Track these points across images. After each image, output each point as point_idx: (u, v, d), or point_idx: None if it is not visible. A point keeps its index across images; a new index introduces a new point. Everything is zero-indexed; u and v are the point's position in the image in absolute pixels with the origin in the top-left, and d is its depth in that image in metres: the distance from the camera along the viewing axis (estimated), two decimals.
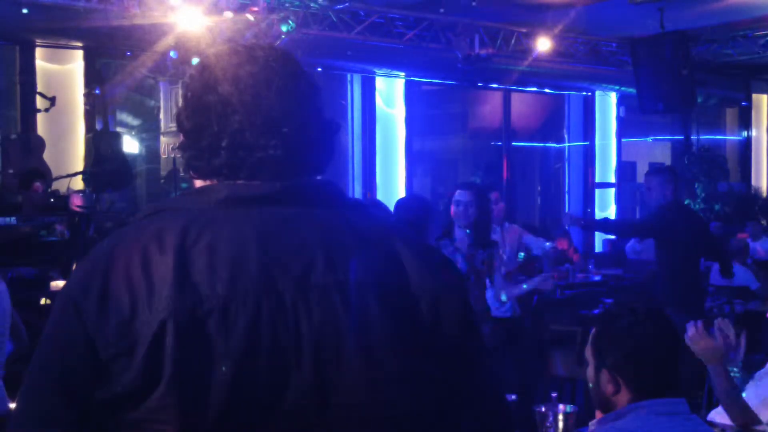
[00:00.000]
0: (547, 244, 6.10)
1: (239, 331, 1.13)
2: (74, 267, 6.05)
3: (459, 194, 4.61)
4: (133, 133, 9.69)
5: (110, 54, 8.45)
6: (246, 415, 1.14)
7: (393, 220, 1.55)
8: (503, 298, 4.90)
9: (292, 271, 1.17)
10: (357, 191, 9.85)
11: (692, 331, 3.00)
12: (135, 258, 1.16)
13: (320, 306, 1.16)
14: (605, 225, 6.89)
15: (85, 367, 1.13)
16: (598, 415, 2.22)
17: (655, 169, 5.96)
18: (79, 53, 8.17)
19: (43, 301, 5.81)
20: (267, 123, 1.23)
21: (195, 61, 7.25)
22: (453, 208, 4.60)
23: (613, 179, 12.37)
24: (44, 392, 1.15)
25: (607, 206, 12.33)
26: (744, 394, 3.02)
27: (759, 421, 2.96)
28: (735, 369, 3.07)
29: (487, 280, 4.66)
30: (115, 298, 1.14)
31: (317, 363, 1.14)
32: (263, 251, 1.17)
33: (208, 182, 1.27)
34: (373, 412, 1.17)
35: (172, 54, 7.49)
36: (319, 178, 1.29)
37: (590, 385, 2.22)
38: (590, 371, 2.21)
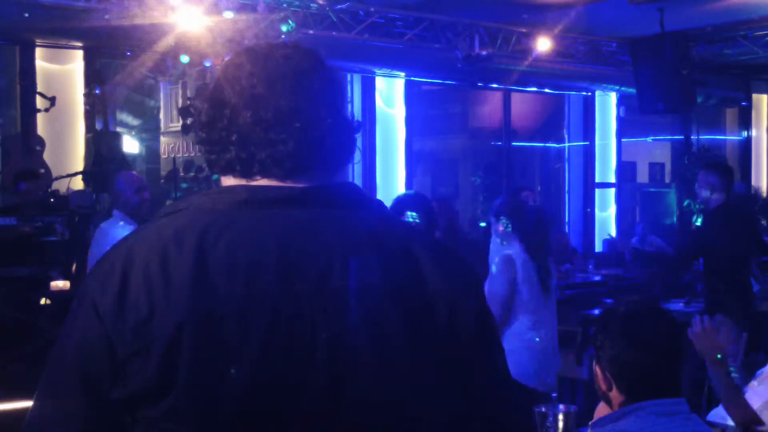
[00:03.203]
0: None
1: (255, 334, 1.13)
2: (74, 267, 6.07)
3: None
4: (133, 133, 9.69)
5: (110, 54, 8.45)
6: (260, 418, 1.14)
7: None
8: None
9: (310, 275, 1.17)
10: None
11: (698, 327, 2.99)
12: (154, 258, 1.16)
13: (336, 310, 1.16)
14: (664, 257, 6.61)
15: (103, 366, 1.14)
16: (601, 407, 2.21)
17: (708, 166, 5.78)
18: (79, 53, 8.17)
19: (43, 301, 5.81)
20: (278, 118, 1.23)
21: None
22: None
23: (613, 179, 12.37)
24: (63, 390, 1.16)
25: (607, 206, 12.32)
26: (745, 394, 3.02)
27: (760, 422, 2.96)
28: (732, 368, 3.07)
29: None
30: (133, 297, 1.14)
31: (332, 367, 1.14)
32: (281, 255, 1.17)
33: (231, 179, 1.27)
34: (387, 416, 1.17)
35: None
36: (339, 179, 1.29)
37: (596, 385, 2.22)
38: (593, 364, 2.21)
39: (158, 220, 1.25)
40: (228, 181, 1.28)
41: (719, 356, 2.99)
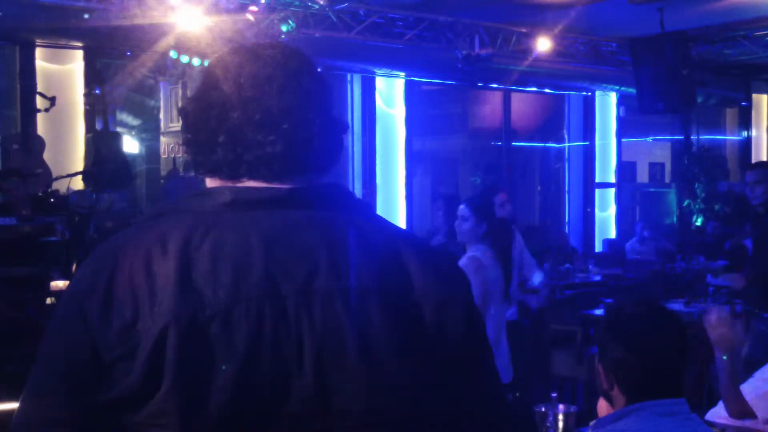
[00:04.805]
0: (538, 274, 6.06)
1: (241, 337, 1.12)
2: (75, 267, 6.07)
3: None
4: (133, 133, 9.69)
5: (110, 54, 8.45)
6: (247, 421, 1.13)
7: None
8: None
9: (296, 276, 1.16)
10: (357, 191, 9.86)
11: (715, 316, 2.99)
12: (138, 261, 1.15)
13: (322, 312, 1.15)
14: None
15: (88, 369, 1.13)
16: (601, 405, 2.20)
17: (751, 165, 5.64)
18: (79, 53, 8.17)
19: (49, 300, 5.81)
20: (266, 120, 1.22)
21: (196, 61, 7.27)
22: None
23: (613, 179, 12.38)
24: (48, 393, 1.15)
25: (607, 206, 12.33)
26: (743, 389, 3.03)
27: (753, 415, 2.97)
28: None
29: None
30: (118, 301, 1.13)
31: (318, 369, 1.14)
32: (267, 256, 1.17)
33: (217, 180, 1.26)
34: (374, 418, 1.17)
35: (172, 54, 7.49)
36: (326, 180, 1.28)
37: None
38: (596, 361, 2.20)
39: (143, 223, 1.24)
40: (213, 182, 1.27)
41: (730, 349, 2.99)
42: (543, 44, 9.39)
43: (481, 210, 4.47)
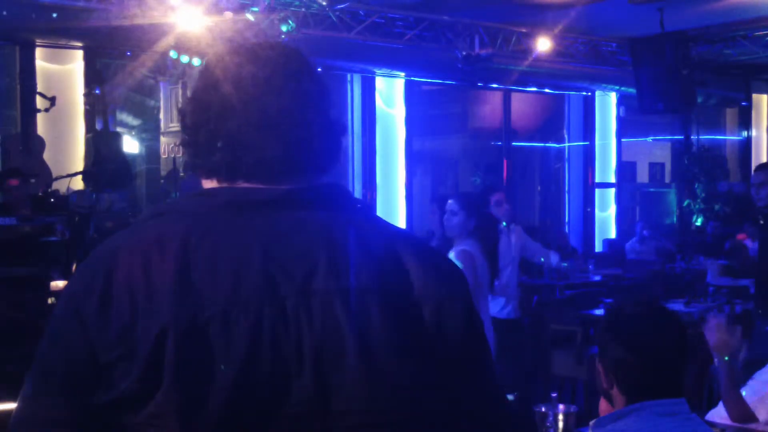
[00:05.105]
0: (553, 256, 6.07)
1: (240, 338, 1.12)
2: (75, 267, 6.07)
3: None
4: (133, 133, 9.69)
5: (110, 54, 8.45)
6: (246, 422, 1.13)
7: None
8: None
9: (295, 277, 1.16)
10: (357, 191, 9.87)
11: (714, 323, 3.00)
12: (136, 263, 1.15)
13: (321, 312, 1.15)
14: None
15: (86, 370, 1.13)
16: (603, 404, 2.20)
17: (757, 166, 5.61)
18: (79, 53, 8.17)
19: (49, 300, 5.81)
20: (265, 122, 1.21)
21: (196, 61, 7.27)
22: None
23: (613, 179, 12.37)
24: (47, 393, 1.15)
25: (607, 206, 12.33)
26: (743, 392, 3.03)
27: (755, 419, 2.97)
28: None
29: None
30: (116, 302, 1.13)
31: (318, 370, 1.14)
32: (265, 257, 1.16)
33: (214, 182, 1.26)
34: (374, 418, 1.17)
35: (172, 54, 7.50)
36: (325, 181, 1.27)
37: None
38: (596, 360, 2.20)
39: (141, 224, 1.24)
40: (211, 183, 1.26)
41: (728, 354, 2.99)
42: (543, 44, 9.39)
43: (470, 205, 4.52)
